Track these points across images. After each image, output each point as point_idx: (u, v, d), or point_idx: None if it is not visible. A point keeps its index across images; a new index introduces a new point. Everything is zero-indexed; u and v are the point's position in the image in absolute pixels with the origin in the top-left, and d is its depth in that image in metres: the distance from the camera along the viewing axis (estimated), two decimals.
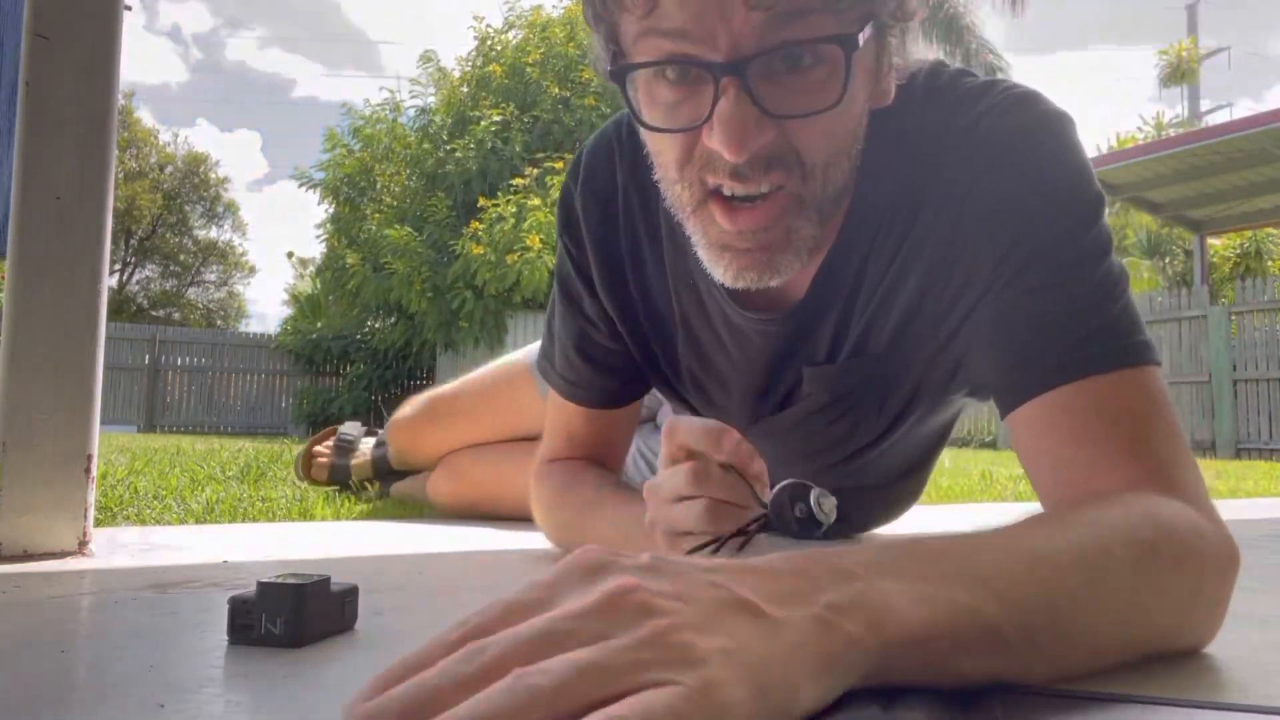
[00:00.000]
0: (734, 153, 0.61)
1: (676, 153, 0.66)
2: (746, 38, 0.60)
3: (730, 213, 0.65)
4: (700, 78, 0.62)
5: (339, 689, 0.49)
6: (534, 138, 11.36)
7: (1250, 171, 9.17)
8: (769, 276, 0.68)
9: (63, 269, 1.01)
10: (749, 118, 0.60)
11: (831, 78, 0.62)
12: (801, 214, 0.66)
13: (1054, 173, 0.69)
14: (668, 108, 0.65)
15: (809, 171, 0.65)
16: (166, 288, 27.35)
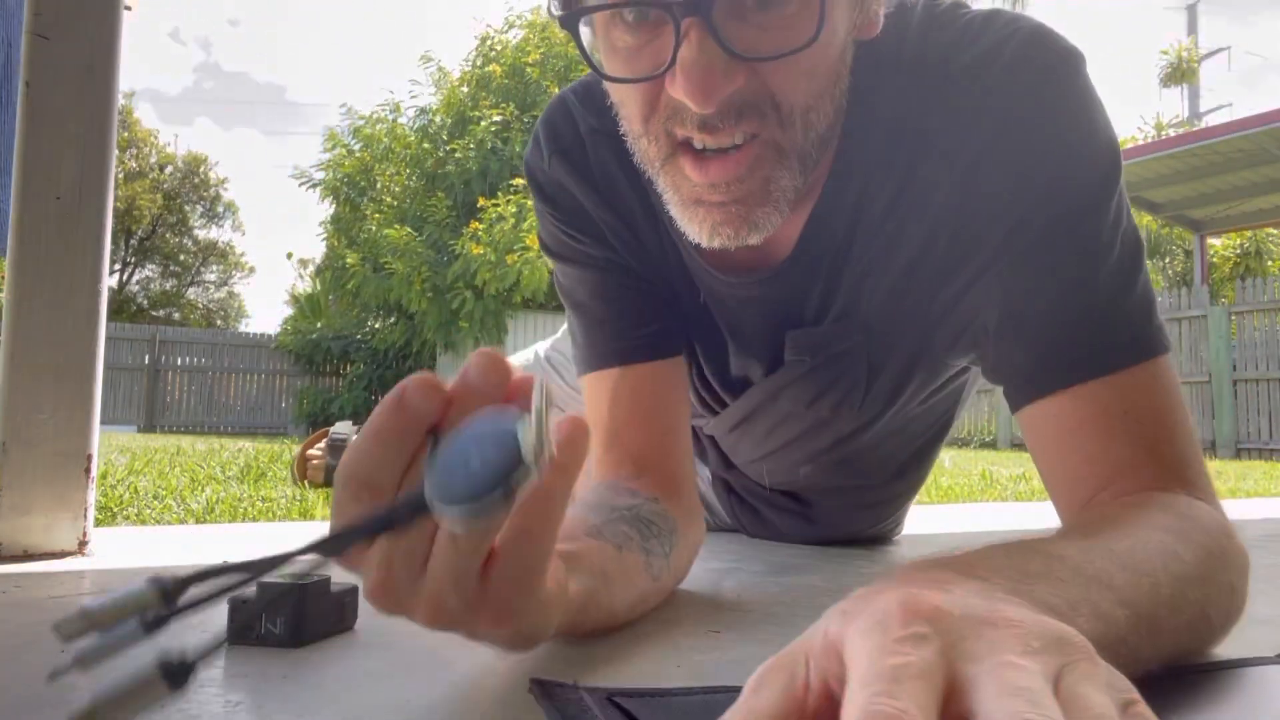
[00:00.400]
0: (700, 102, 0.55)
1: (640, 104, 0.60)
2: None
3: (701, 164, 0.59)
4: (660, 19, 0.56)
5: (339, 689, 0.49)
6: None
7: (1250, 171, 9.18)
8: (746, 233, 0.62)
9: (63, 269, 1.01)
10: (715, 62, 0.54)
11: (806, 10, 0.56)
12: (781, 163, 0.60)
13: (1072, 135, 0.63)
14: (627, 54, 0.59)
15: (787, 117, 0.59)
16: (166, 288, 27.36)
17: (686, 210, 0.63)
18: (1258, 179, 9.37)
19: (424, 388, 0.37)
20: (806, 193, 0.68)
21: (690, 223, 0.63)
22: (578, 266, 0.83)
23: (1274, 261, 13.68)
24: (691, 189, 0.61)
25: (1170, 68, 16.78)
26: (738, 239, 0.62)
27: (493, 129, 11.35)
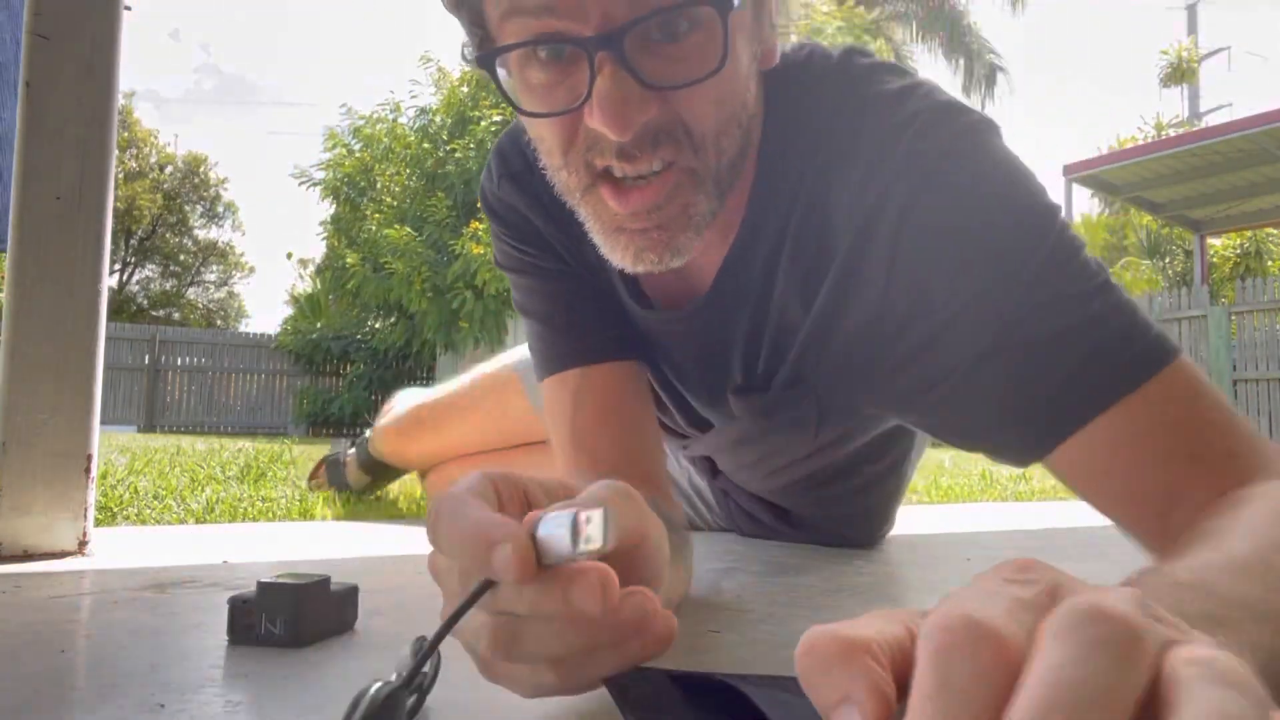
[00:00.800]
0: (618, 131, 0.57)
1: (558, 137, 0.62)
2: (616, 7, 0.56)
3: (621, 194, 0.62)
4: (574, 55, 0.59)
5: (339, 689, 0.49)
6: None
7: (1250, 171, 9.18)
8: (669, 257, 0.64)
9: (63, 269, 1.01)
10: (630, 93, 0.57)
11: (710, 42, 0.59)
12: (697, 188, 0.63)
13: (1003, 200, 0.63)
14: (544, 90, 0.61)
15: (699, 143, 0.61)
16: (166, 288, 27.35)
17: (609, 238, 0.65)
18: (1258, 179, 9.38)
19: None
20: (724, 229, 0.71)
21: (614, 250, 0.65)
22: (530, 277, 0.85)
23: (1274, 261, 13.68)
24: (613, 217, 0.63)
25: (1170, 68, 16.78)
26: (661, 264, 0.64)
27: (493, 129, 11.34)
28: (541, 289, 0.85)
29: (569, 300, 0.83)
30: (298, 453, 3.54)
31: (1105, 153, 11.51)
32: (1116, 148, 13.63)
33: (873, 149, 0.66)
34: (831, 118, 0.69)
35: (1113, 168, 9.43)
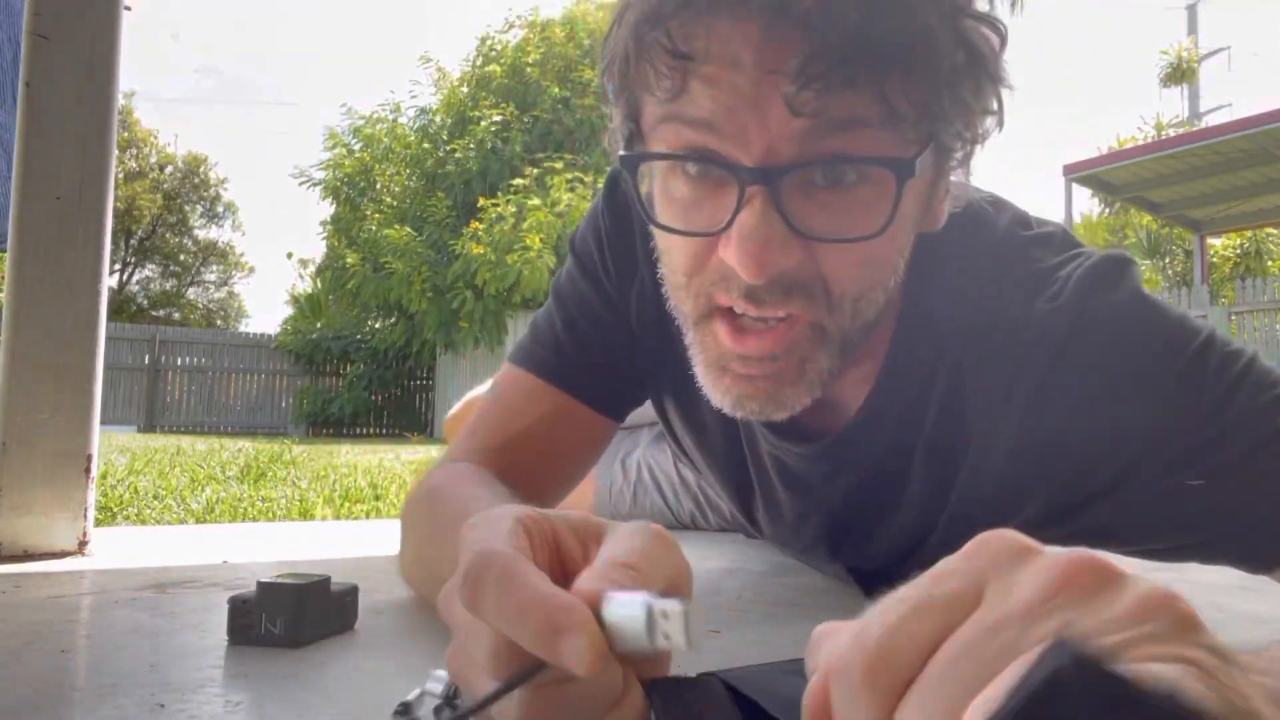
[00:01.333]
0: (752, 273, 0.53)
1: (687, 258, 0.58)
2: (783, 143, 0.51)
3: (737, 334, 0.57)
4: (724, 179, 0.54)
5: (339, 689, 0.49)
6: (534, 138, 11.37)
7: (1250, 171, 9.18)
8: (771, 410, 0.59)
9: (63, 269, 1.01)
10: (774, 234, 0.52)
11: (877, 201, 0.53)
12: (821, 345, 0.58)
13: (1166, 366, 0.58)
14: (683, 205, 0.56)
15: (836, 303, 0.56)
16: (166, 288, 27.36)
17: (712, 373, 0.60)
18: (1258, 179, 9.38)
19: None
20: (844, 370, 0.64)
21: (714, 388, 0.61)
22: (591, 285, 0.80)
23: (1274, 261, 13.68)
24: (720, 354, 0.59)
25: (1170, 68, 16.78)
26: (761, 415, 0.60)
27: (493, 129, 11.35)
28: (590, 301, 0.80)
29: (603, 332, 0.79)
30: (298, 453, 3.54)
31: (1105, 153, 11.51)
32: (1116, 148, 13.64)
33: (1036, 324, 0.61)
34: (981, 293, 0.64)
35: (1113, 168, 9.44)
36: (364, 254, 11.61)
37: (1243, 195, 9.81)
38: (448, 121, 12.43)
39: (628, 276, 0.78)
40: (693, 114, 0.53)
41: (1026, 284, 0.63)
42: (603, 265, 0.79)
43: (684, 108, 0.53)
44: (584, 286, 0.81)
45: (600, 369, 0.79)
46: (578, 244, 0.82)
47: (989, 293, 0.64)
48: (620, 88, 0.57)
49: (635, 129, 0.59)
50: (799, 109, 0.50)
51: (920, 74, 0.51)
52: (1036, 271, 0.63)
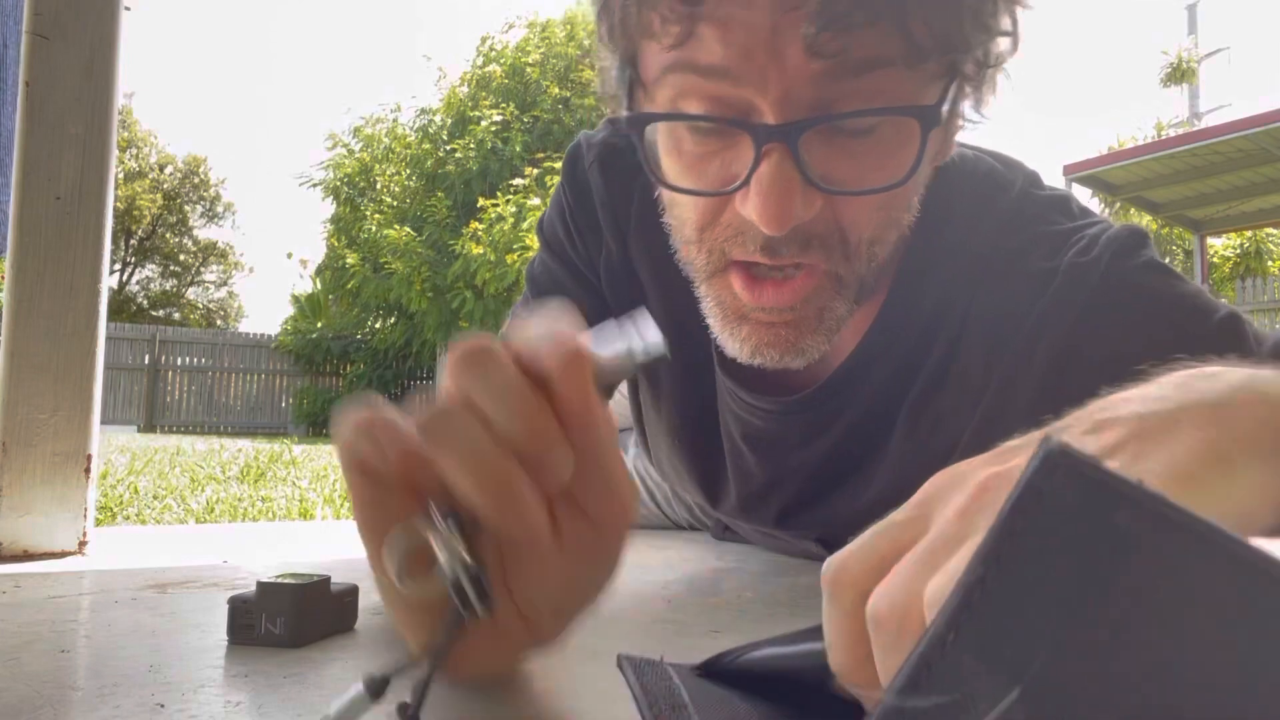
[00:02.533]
0: (773, 227, 0.51)
1: (699, 214, 0.56)
2: (801, 89, 0.49)
3: (754, 285, 0.55)
4: (739, 131, 0.52)
5: (339, 689, 0.49)
6: (534, 138, 11.37)
7: (1250, 171, 9.18)
8: (791, 358, 0.58)
9: (63, 269, 1.01)
10: (794, 187, 0.50)
11: (900, 146, 0.51)
12: (838, 294, 0.56)
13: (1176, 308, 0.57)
14: (693, 159, 0.54)
15: (854, 251, 0.55)
16: (166, 288, 27.36)
17: (729, 324, 0.59)
18: (1258, 179, 9.37)
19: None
20: (856, 320, 0.64)
21: (731, 338, 0.59)
22: (560, 264, 0.80)
23: (1274, 261, 13.68)
24: (738, 305, 0.57)
25: (1170, 68, 16.78)
26: (780, 362, 0.58)
27: (493, 129, 11.35)
28: (561, 278, 0.79)
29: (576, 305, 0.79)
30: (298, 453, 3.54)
31: (1105, 153, 11.51)
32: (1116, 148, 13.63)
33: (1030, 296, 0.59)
34: (995, 247, 0.62)
35: (1113, 168, 9.43)
36: (364, 254, 11.61)
37: (1243, 195, 9.80)
38: (448, 121, 12.43)
39: (594, 249, 0.77)
40: (703, 61, 0.49)
41: (1049, 241, 0.61)
42: (569, 243, 0.79)
43: (693, 54, 0.50)
44: (554, 266, 0.80)
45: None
46: (544, 227, 0.82)
47: (1005, 246, 0.62)
48: (617, 30, 0.54)
49: (635, 77, 0.55)
50: (819, 50, 0.47)
51: (944, 3, 0.49)
52: (1058, 230, 0.61)
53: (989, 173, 0.66)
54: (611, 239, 0.76)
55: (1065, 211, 0.64)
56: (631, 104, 0.56)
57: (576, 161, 0.78)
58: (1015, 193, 0.65)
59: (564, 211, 0.79)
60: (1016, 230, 0.63)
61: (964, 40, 0.51)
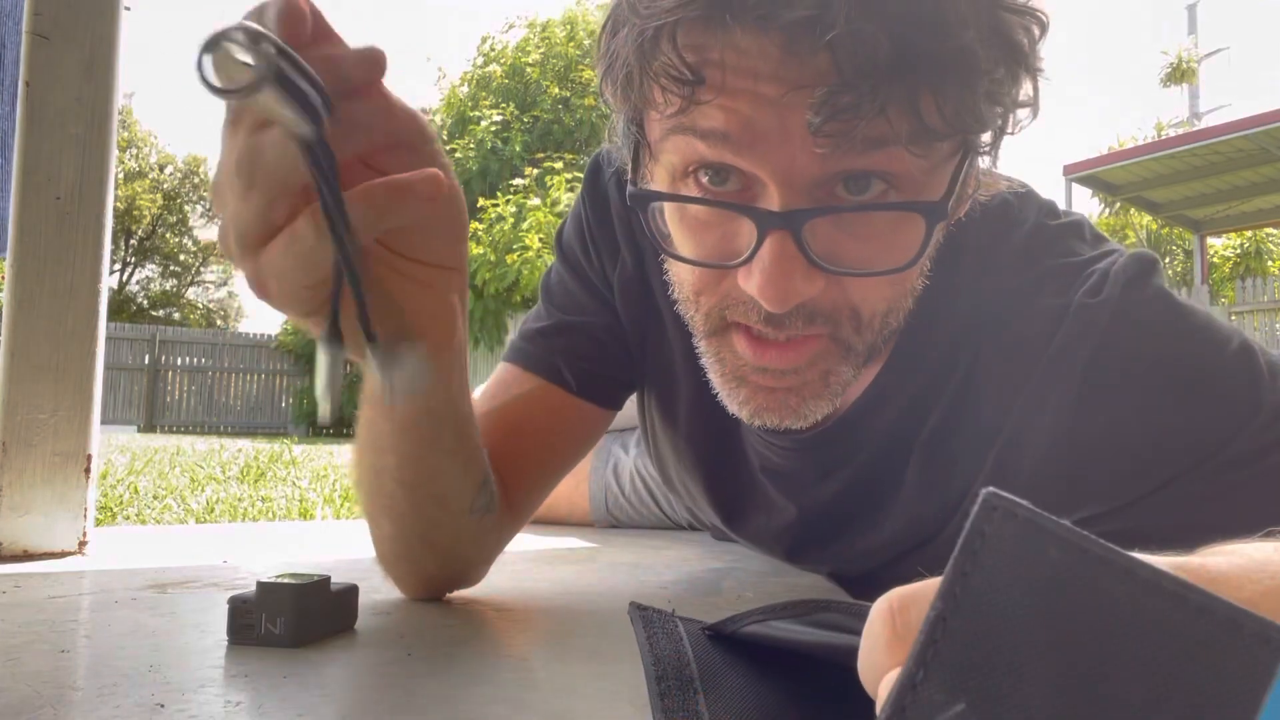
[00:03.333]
0: (775, 305, 0.50)
1: (698, 278, 0.55)
2: (807, 172, 0.48)
3: (757, 346, 0.54)
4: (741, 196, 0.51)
5: (339, 689, 0.49)
6: (534, 138, 11.38)
7: (1250, 171, 9.19)
8: (793, 420, 0.57)
9: (63, 269, 1.01)
10: (796, 268, 0.49)
11: (907, 229, 0.51)
12: (844, 359, 0.55)
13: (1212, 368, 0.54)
14: (696, 225, 0.54)
15: (865, 324, 0.54)
16: (166, 288, 27.36)
17: (729, 384, 0.58)
18: (1258, 179, 9.38)
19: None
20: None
21: (731, 399, 0.58)
22: (576, 278, 0.80)
23: (1274, 261, 13.69)
24: (738, 364, 0.56)
25: (1170, 68, 16.79)
26: (780, 424, 0.58)
27: (493, 129, 11.36)
28: (577, 293, 0.79)
29: (590, 320, 0.77)
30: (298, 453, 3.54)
31: (1105, 153, 11.51)
32: (1116, 148, 13.64)
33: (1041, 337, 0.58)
34: (1006, 285, 0.61)
35: (1112, 168, 9.44)
36: None
37: (1243, 195, 9.81)
38: (448, 121, 12.43)
39: (610, 263, 0.77)
40: (705, 125, 0.49)
41: (1060, 275, 0.59)
42: (586, 257, 0.79)
43: (696, 119, 0.49)
44: (570, 280, 0.80)
45: (586, 357, 0.77)
46: (563, 240, 0.82)
47: (1016, 285, 0.60)
48: (620, 94, 0.54)
49: (640, 137, 0.55)
50: (825, 134, 0.46)
51: (957, 91, 0.47)
52: (1070, 263, 0.60)
53: (1002, 208, 0.64)
54: (628, 254, 0.76)
55: (1078, 238, 0.63)
56: (636, 166, 0.56)
57: (597, 174, 0.78)
58: (1028, 225, 0.64)
59: (582, 224, 0.79)
60: (1029, 266, 0.61)
61: (979, 120, 0.49)
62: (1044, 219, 0.64)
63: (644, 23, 0.48)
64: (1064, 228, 0.64)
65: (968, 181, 0.55)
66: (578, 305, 0.79)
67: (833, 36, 0.44)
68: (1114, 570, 0.21)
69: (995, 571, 0.22)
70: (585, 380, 0.76)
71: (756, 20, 0.45)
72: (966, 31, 0.46)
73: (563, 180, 9.99)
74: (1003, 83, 0.50)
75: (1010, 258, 0.62)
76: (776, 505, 0.77)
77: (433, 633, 0.63)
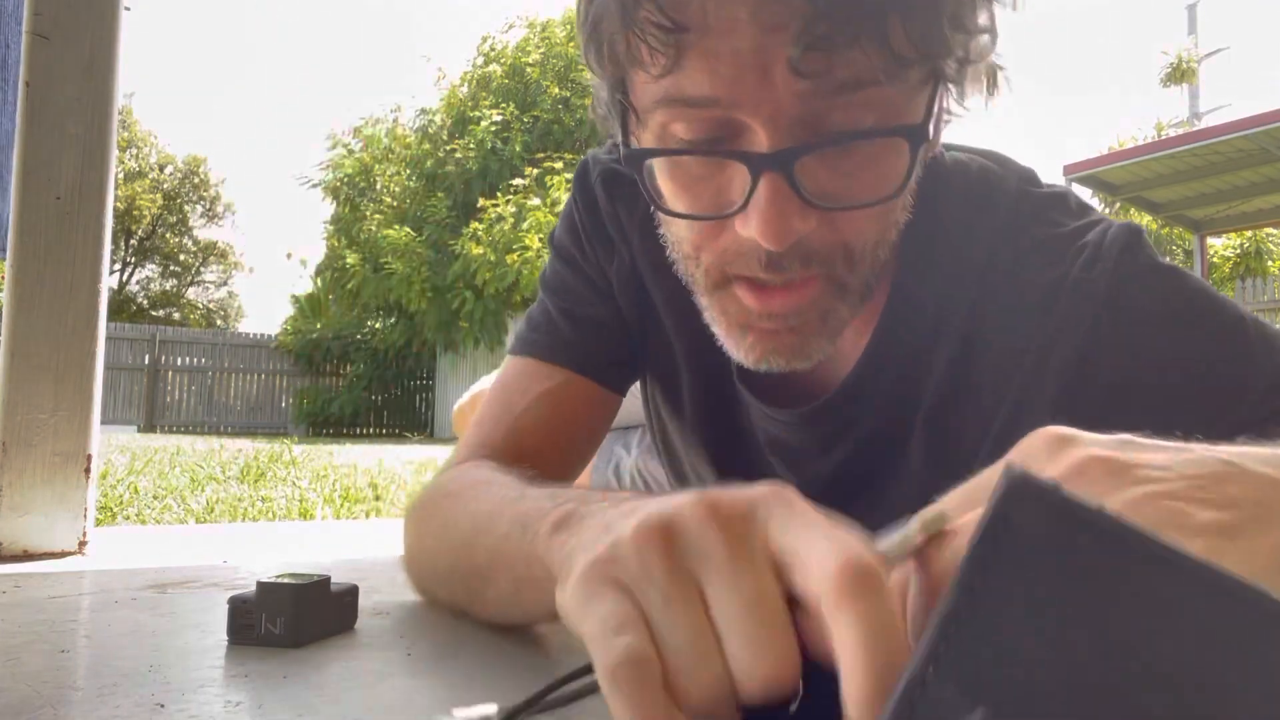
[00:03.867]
0: (775, 242, 0.52)
1: (696, 234, 0.57)
2: (790, 108, 0.50)
3: (759, 292, 0.56)
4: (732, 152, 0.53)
5: (339, 689, 0.49)
6: (534, 138, 11.38)
7: (1250, 171, 9.18)
8: (798, 360, 0.59)
9: (63, 269, 1.01)
10: (792, 208, 0.51)
11: (891, 159, 0.53)
12: (841, 298, 0.57)
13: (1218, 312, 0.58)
14: (689, 180, 0.55)
15: (856, 258, 0.56)
16: (166, 288, 27.37)
17: (733, 333, 0.60)
18: (1258, 179, 9.37)
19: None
20: (860, 325, 0.65)
21: (737, 345, 0.60)
22: (573, 272, 0.81)
23: (1274, 261, 13.69)
24: (743, 314, 0.58)
25: (1170, 68, 16.78)
26: (787, 366, 0.60)
27: (493, 129, 11.36)
28: (576, 286, 0.80)
29: (593, 311, 0.79)
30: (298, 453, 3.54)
31: (1105, 153, 11.51)
32: (1116, 148, 13.64)
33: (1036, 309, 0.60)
34: (995, 253, 0.63)
35: (1113, 168, 9.44)
36: (364, 254, 11.61)
37: (1243, 195, 9.80)
38: (448, 121, 12.43)
39: (607, 258, 0.79)
40: (693, 93, 0.51)
41: (1050, 246, 0.61)
42: (581, 253, 0.80)
43: (683, 85, 0.51)
44: (567, 274, 0.81)
45: (594, 344, 0.78)
46: (556, 239, 0.83)
47: (1005, 252, 0.62)
48: (606, 58, 0.55)
49: (626, 102, 0.56)
50: (805, 71, 0.48)
51: (923, 13, 0.50)
52: (1058, 234, 0.62)
53: (982, 173, 0.66)
54: (622, 248, 0.78)
55: (1063, 209, 0.64)
56: (625, 130, 0.58)
57: (585, 176, 0.80)
58: (1011, 192, 0.65)
59: (575, 224, 0.80)
60: (1016, 234, 0.63)
61: (944, 45, 0.52)
62: (1026, 186, 0.66)
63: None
64: (1048, 197, 0.65)
65: (941, 108, 0.57)
66: (579, 297, 0.80)
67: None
68: (1156, 561, 0.19)
69: (1019, 562, 0.20)
70: (600, 365, 0.78)
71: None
72: None
73: (562, 180, 10.00)
74: (964, 5, 0.52)
75: (995, 223, 0.64)
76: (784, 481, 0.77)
77: (433, 633, 0.63)
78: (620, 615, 0.31)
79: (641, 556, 0.32)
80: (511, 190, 10.25)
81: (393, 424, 12.28)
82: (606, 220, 0.78)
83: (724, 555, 0.31)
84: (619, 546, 0.33)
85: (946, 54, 0.53)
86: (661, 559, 0.32)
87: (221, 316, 28.15)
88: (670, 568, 0.31)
